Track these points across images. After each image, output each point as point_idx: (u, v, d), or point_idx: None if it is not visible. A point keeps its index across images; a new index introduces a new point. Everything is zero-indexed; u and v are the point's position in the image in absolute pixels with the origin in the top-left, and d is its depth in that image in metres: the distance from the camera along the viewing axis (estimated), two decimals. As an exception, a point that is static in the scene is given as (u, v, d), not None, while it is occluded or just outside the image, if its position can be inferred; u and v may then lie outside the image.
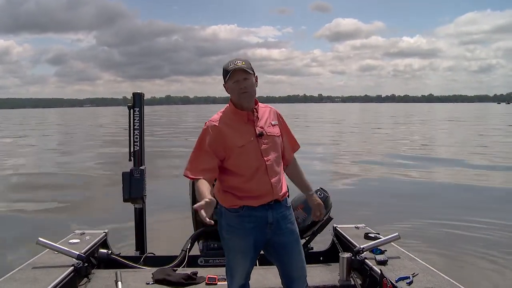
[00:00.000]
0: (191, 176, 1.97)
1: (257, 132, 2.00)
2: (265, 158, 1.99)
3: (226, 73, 1.98)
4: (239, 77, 1.95)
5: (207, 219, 1.65)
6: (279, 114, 2.17)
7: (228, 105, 2.07)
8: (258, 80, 2.06)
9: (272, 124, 2.08)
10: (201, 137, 2.02)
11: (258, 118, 2.04)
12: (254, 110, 2.04)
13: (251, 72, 1.98)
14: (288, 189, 2.14)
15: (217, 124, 1.99)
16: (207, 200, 1.71)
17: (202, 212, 1.66)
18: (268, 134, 2.03)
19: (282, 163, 2.12)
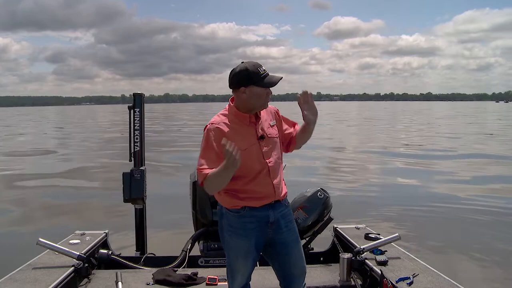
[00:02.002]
0: (207, 172, 1.88)
1: (259, 135, 1.99)
2: (267, 160, 1.99)
3: (257, 76, 1.92)
4: (271, 88, 1.97)
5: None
6: (277, 112, 2.16)
7: (228, 106, 2.04)
8: None
9: (270, 125, 2.07)
10: (205, 140, 1.96)
11: (260, 120, 2.04)
12: (258, 112, 2.03)
13: None
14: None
15: (219, 127, 1.96)
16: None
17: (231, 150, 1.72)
18: (269, 136, 2.03)
19: (282, 163, 2.12)
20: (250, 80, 1.92)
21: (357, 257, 2.89)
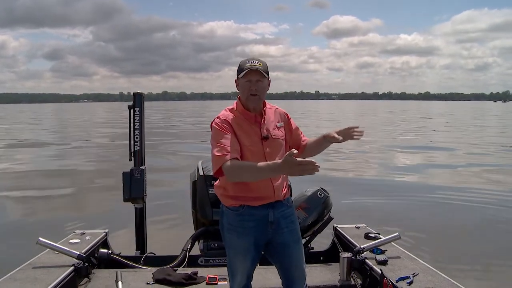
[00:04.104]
0: (229, 157, 1.85)
1: (263, 135, 1.99)
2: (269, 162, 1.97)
3: (240, 69, 1.97)
4: (252, 78, 1.95)
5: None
6: (286, 114, 2.16)
7: (236, 102, 2.06)
8: (270, 84, 2.05)
9: (277, 127, 2.06)
10: (217, 130, 1.95)
11: (265, 121, 2.03)
12: (263, 112, 2.04)
13: (266, 75, 1.97)
14: (290, 188, 2.13)
15: (227, 119, 1.97)
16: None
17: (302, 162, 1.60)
18: (273, 137, 2.01)
19: None
20: (237, 73, 2.00)
21: (357, 256, 2.89)
